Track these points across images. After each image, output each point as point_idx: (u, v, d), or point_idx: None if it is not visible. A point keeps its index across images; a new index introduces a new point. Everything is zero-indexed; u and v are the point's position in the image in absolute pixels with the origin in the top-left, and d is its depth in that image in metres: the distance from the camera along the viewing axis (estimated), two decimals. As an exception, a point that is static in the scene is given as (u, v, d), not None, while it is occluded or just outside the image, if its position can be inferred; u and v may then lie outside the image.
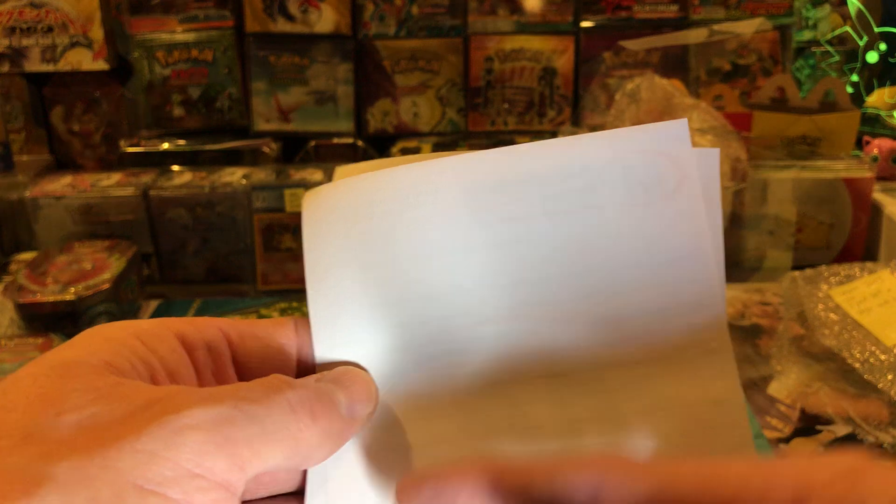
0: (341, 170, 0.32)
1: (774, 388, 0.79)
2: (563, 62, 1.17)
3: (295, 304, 0.82)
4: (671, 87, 0.90)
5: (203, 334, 0.28)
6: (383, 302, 0.29)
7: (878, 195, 1.03)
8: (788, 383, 0.79)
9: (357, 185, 0.30)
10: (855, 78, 1.20)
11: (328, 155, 1.19)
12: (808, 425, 0.73)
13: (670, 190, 0.29)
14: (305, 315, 0.29)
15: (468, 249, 0.29)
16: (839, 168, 1.02)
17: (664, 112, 0.85)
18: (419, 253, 0.29)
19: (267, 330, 0.29)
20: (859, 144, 1.12)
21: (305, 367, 0.29)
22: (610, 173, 0.29)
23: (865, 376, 0.78)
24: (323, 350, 0.29)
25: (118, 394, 0.23)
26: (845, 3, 1.18)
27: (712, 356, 0.29)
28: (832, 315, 0.84)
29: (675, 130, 0.29)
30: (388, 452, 0.29)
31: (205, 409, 0.23)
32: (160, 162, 1.13)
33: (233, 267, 1.05)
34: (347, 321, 0.29)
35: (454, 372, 0.29)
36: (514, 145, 0.30)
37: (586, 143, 0.29)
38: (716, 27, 0.96)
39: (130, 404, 0.23)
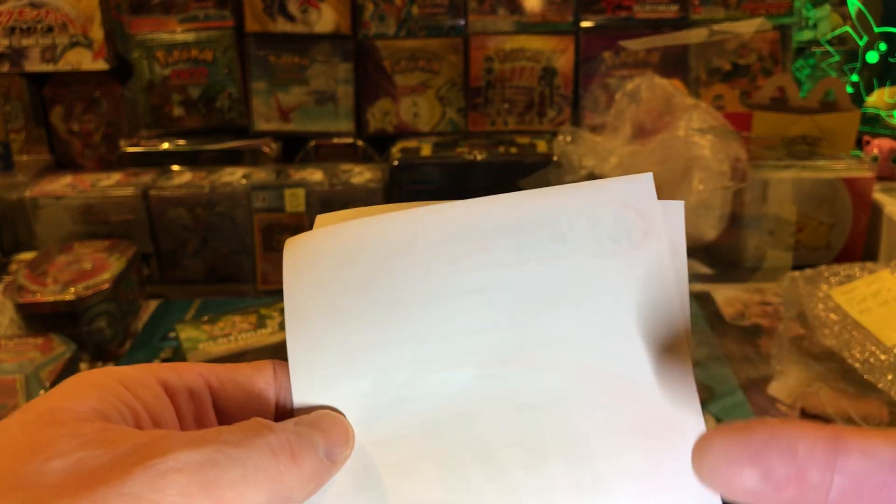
0: (322, 218, 0.33)
1: (774, 388, 0.79)
2: (563, 62, 1.17)
3: (295, 304, 0.82)
4: (671, 87, 0.90)
5: (184, 380, 0.29)
6: (360, 347, 0.30)
7: (878, 195, 1.03)
8: (788, 383, 0.79)
9: (336, 234, 0.31)
10: (855, 78, 1.20)
11: (328, 155, 1.19)
12: (809, 425, 0.73)
13: (637, 241, 0.31)
14: (284, 358, 0.30)
15: (445, 296, 0.30)
16: (839, 168, 1.02)
17: (664, 112, 0.85)
18: (396, 299, 0.30)
19: (246, 374, 0.30)
20: (859, 144, 1.12)
21: (284, 411, 0.30)
22: (579, 224, 0.31)
23: (865, 376, 0.78)
24: (301, 394, 0.30)
25: (104, 439, 0.24)
26: (845, 3, 1.18)
27: (678, 400, 0.30)
28: (832, 315, 0.84)
29: (641, 184, 0.31)
30: (365, 493, 0.30)
31: (188, 452, 0.24)
32: (160, 162, 1.13)
33: (233, 267, 1.05)
34: (325, 365, 0.30)
35: (428, 415, 0.30)
36: (490, 196, 0.32)
37: (557, 195, 0.31)
38: (716, 27, 0.96)
39: (116, 449, 0.24)
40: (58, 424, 0.24)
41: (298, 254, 0.31)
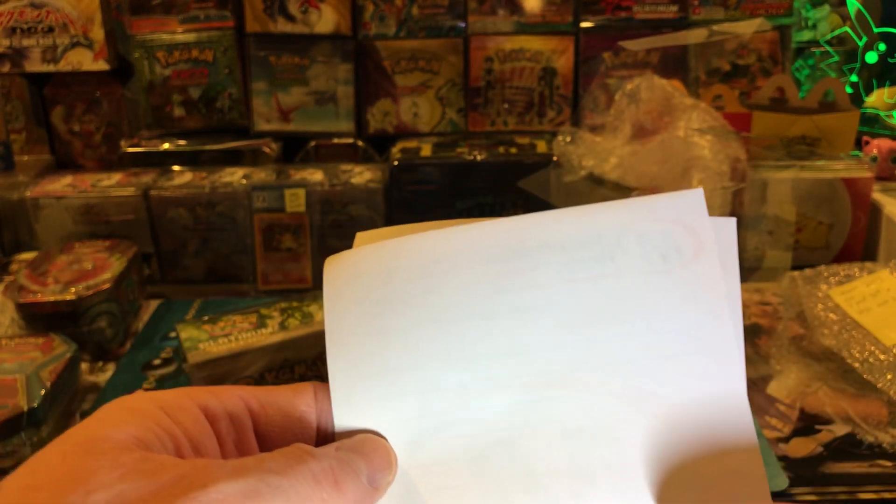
0: (362, 236, 0.32)
1: (774, 388, 0.79)
2: (563, 62, 1.17)
3: (295, 304, 0.82)
4: (671, 87, 0.90)
5: (225, 404, 0.28)
6: (401, 368, 0.29)
7: (877, 195, 1.03)
8: (788, 383, 0.79)
9: (377, 252, 0.30)
10: (854, 78, 1.20)
11: (328, 155, 1.20)
12: (808, 425, 0.74)
13: (688, 258, 0.30)
14: (322, 377, 0.30)
15: (487, 316, 0.29)
16: (838, 168, 1.02)
17: (664, 112, 0.85)
18: (438, 319, 0.29)
19: (287, 397, 0.30)
20: (859, 144, 1.12)
21: (325, 434, 0.30)
22: (627, 242, 0.30)
23: (865, 376, 0.78)
24: (342, 417, 0.29)
25: (145, 469, 0.24)
26: (845, 4, 1.18)
27: (730, 424, 0.29)
28: (832, 315, 0.84)
29: (692, 199, 0.30)
30: None
31: (231, 483, 0.24)
32: (161, 162, 1.13)
33: (233, 267, 1.06)
34: (366, 388, 0.29)
35: (472, 440, 0.29)
36: (531, 214, 0.31)
37: (604, 212, 0.30)
38: (715, 27, 0.96)
39: (157, 480, 0.23)
40: (98, 454, 0.24)
41: (338, 273, 0.30)
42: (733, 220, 0.31)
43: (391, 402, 0.29)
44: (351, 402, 0.29)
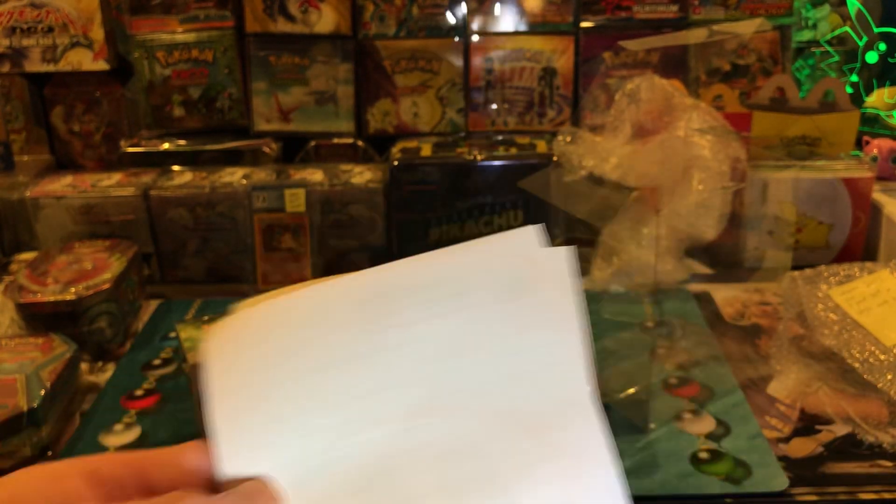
0: (240, 305, 0.34)
1: (774, 388, 0.79)
2: (563, 62, 1.17)
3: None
4: (671, 87, 0.90)
5: (112, 470, 0.30)
6: (283, 416, 0.32)
7: (877, 195, 1.03)
8: (788, 383, 0.79)
9: (253, 314, 0.33)
10: (854, 78, 1.20)
11: (328, 155, 1.20)
12: (808, 425, 0.74)
13: (530, 286, 0.34)
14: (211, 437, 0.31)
15: (359, 358, 0.32)
16: (839, 168, 1.02)
17: (664, 112, 0.85)
18: (314, 367, 0.32)
19: (174, 456, 0.31)
20: (859, 144, 1.12)
21: (217, 488, 0.31)
22: (476, 278, 0.34)
23: (865, 376, 0.78)
24: (229, 467, 0.31)
25: None
26: (845, 3, 1.18)
27: (580, 428, 0.33)
28: (832, 315, 0.84)
29: (529, 235, 0.34)
30: None
31: None
32: (160, 162, 1.13)
33: (233, 267, 1.05)
34: (250, 437, 0.31)
35: (354, 474, 0.32)
36: (394, 262, 0.34)
37: (456, 254, 0.34)
38: (715, 27, 0.96)
39: None
40: None
41: (218, 339, 0.33)
42: (566, 249, 0.35)
43: (275, 448, 0.31)
44: (235, 452, 0.31)
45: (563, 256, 0.35)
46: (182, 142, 1.17)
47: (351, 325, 0.33)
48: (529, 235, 0.34)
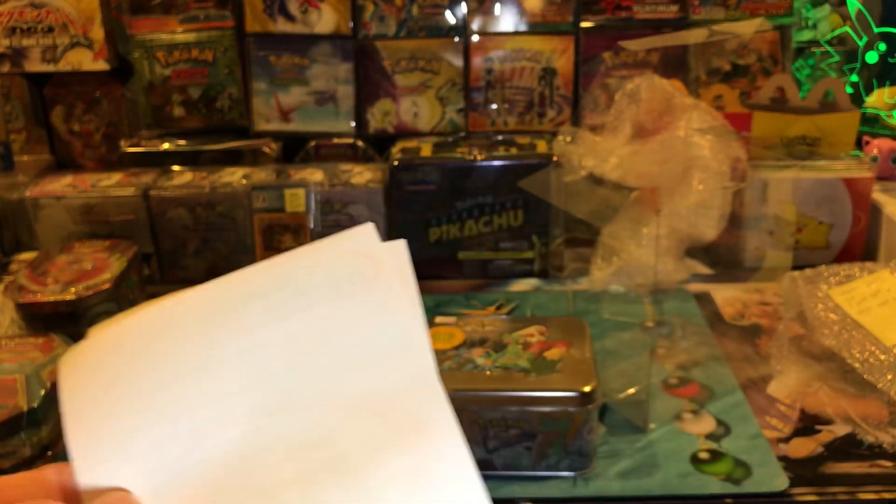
0: (95, 329, 0.36)
1: (774, 388, 0.79)
2: (563, 62, 1.17)
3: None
4: (671, 87, 0.90)
5: None
6: (136, 427, 0.33)
7: (877, 195, 1.03)
8: (788, 383, 0.79)
9: (103, 335, 0.35)
10: (854, 78, 1.20)
11: (328, 155, 1.20)
12: (808, 425, 0.74)
13: (370, 280, 0.36)
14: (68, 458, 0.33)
15: (206, 366, 0.34)
16: (839, 168, 1.02)
17: (664, 112, 0.85)
18: (163, 379, 0.33)
19: (33, 478, 0.32)
20: (859, 144, 1.12)
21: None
22: (317, 277, 0.36)
23: (865, 376, 0.78)
24: (86, 480, 0.32)
25: None
26: (845, 4, 1.18)
27: (427, 405, 0.35)
28: (832, 315, 0.84)
29: (365, 232, 0.36)
30: None
31: None
32: (160, 162, 1.13)
33: (233, 267, 1.05)
34: (105, 450, 0.33)
35: (209, 477, 0.33)
36: (235, 272, 0.36)
37: (294, 258, 0.36)
38: (715, 27, 0.96)
39: None
40: None
41: (71, 361, 0.34)
42: (403, 242, 0.37)
43: (130, 461, 0.33)
44: (92, 465, 0.32)
45: (401, 249, 0.36)
46: (182, 142, 1.17)
47: (196, 336, 0.34)
48: (366, 232, 0.36)
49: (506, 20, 1.17)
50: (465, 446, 0.34)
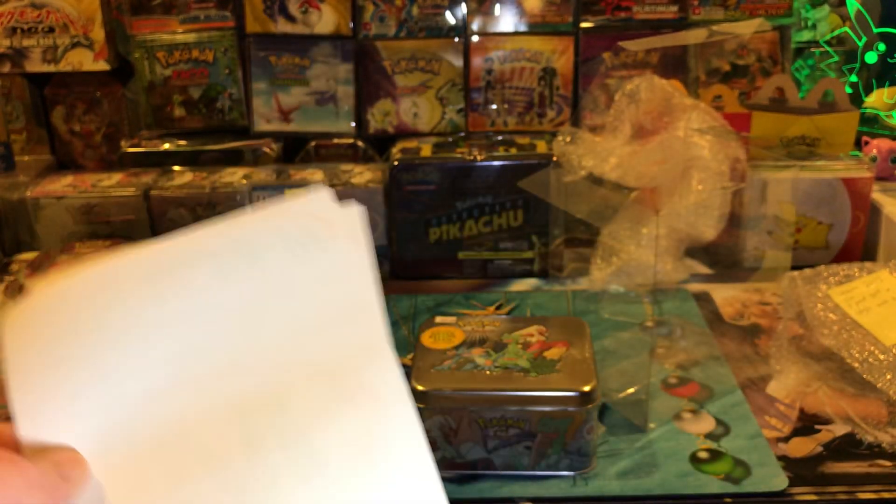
0: (38, 284, 0.35)
1: (773, 388, 0.79)
2: (563, 62, 1.17)
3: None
4: (671, 87, 0.90)
5: None
6: (82, 389, 0.32)
7: (876, 195, 1.03)
8: (788, 383, 0.80)
9: (47, 293, 0.33)
10: (854, 78, 1.20)
11: (328, 155, 1.20)
12: (808, 425, 0.74)
13: (323, 243, 0.35)
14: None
15: (157, 326, 0.33)
16: (838, 168, 1.02)
17: (664, 112, 0.85)
18: (111, 338, 0.33)
19: None
20: (858, 145, 1.12)
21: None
22: (270, 241, 0.35)
23: (864, 376, 0.78)
24: (30, 436, 0.32)
25: None
26: (844, 4, 1.18)
27: (377, 367, 0.35)
28: (831, 315, 0.84)
29: (320, 196, 0.36)
30: None
31: None
32: (161, 162, 1.13)
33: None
34: (51, 410, 0.32)
35: (157, 438, 0.33)
36: (190, 231, 0.35)
37: (247, 221, 0.36)
38: (715, 28, 0.96)
39: None
40: None
41: (15, 317, 0.33)
42: (357, 207, 0.36)
43: (76, 420, 0.32)
44: (38, 423, 0.32)
45: (356, 213, 0.36)
46: (182, 142, 1.18)
47: (144, 296, 0.33)
48: (321, 196, 0.36)
49: (506, 20, 1.17)
50: (413, 411, 0.34)
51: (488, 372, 0.68)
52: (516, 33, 1.17)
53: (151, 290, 0.34)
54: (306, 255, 0.35)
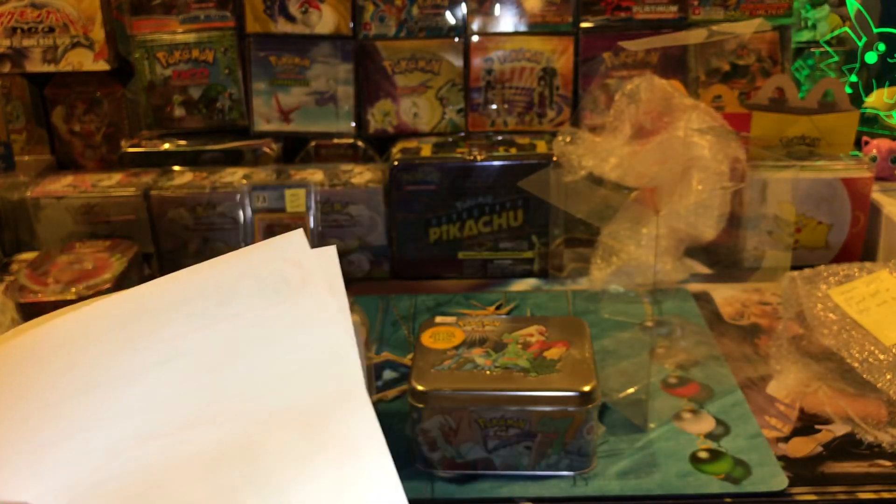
0: (3, 336, 0.34)
1: (773, 388, 0.79)
2: (563, 62, 1.17)
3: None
4: (671, 87, 0.90)
5: None
6: (48, 443, 0.31)
7: (876, 195, 1.03)
8: (787, 383, 0.80)
9: (15, 342, 0.33)
10: (854, 78, 1.20)
11: (328, 155, 1.20)
12: (807, 424, 0.74)
13: (297, 287, 0.35)
14: None
15: (125, 376, 0.32)
16: (838, 168, 1.02)
17: (664, 112, 0.85)
18: (78, 391, 0.32)
19: None
20: (858, 145, 1.12)
21: None
22: (243, 285, 0.34)
23: (864, 376, 0.78)
24: None
25: None
26: (844, 4, 1.18)
27: (355, 421, 0.34)
28: (831, 315, 0.84)
29: (294, 239, 0.35)
30: None
31: None
32: (161, 162, 1.13)
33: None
34: (15, 467, 0.31)
35: (124, 492, 0.32)
36: (156, 279, 0.35)
37: (219, 265, 0.35)
38: (715, 28, 0.96)
39: None
40: None
41: None
42: (333, 248, 0.36)
43: (41, 476, 0.31)
44: (2, 479, 0.31)
45: (330, 256, 0.35)
46: (182, 142, 1.18)
47: (114, 346, 0.33)
48: (295, 239, 0.35)
49: (505, 20, 1.17)
50: (390, 461, 0.33)
51: (488, 372, 0.68)
52: (516, 33, 1.17)
53: (121, 340, 0.33)
54: (279, 301, 0.35)
